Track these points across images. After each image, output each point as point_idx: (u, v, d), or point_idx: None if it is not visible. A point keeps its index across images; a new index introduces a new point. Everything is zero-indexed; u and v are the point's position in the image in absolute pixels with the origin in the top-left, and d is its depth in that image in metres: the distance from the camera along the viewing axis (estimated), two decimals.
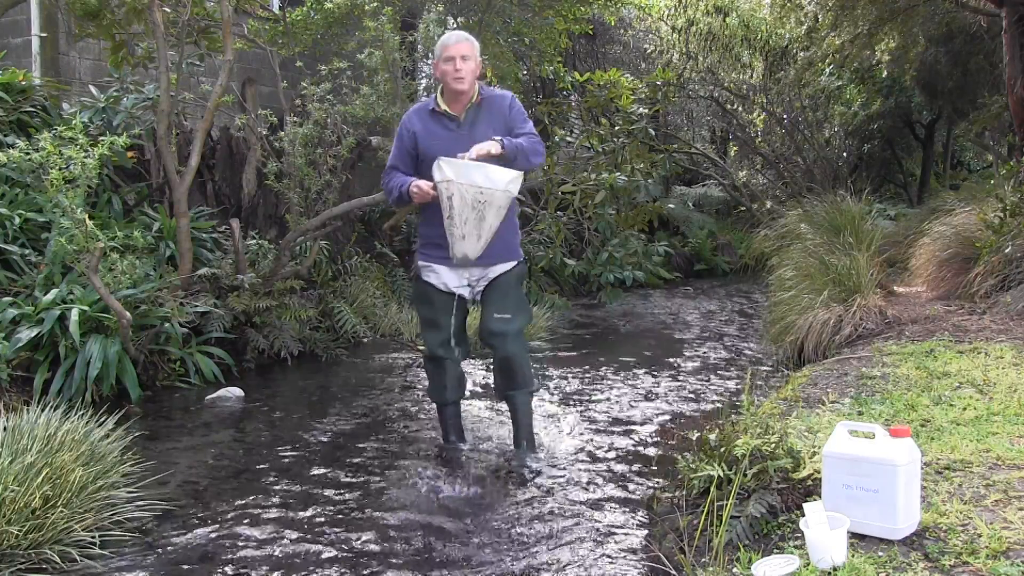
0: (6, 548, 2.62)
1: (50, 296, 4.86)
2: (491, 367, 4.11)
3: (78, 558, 2.70)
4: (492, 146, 3.45)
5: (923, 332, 5.04)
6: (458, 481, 3.56)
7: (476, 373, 5.60)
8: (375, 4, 6.72)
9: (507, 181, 3.39)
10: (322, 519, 3.14)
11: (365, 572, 2.70)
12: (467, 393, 4.04)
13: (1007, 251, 5.69)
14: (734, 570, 2.23)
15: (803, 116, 14.49)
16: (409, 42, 7.52)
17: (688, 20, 13.31)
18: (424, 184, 3.48)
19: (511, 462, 3.74)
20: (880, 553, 2.16)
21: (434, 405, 4.07)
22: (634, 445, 4.06)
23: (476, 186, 3.34)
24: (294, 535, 2.99)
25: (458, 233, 3.42)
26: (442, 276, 3.70)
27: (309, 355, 6.09)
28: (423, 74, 10.82)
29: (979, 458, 2.74)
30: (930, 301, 6.17)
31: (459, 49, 3.49)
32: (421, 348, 6.57)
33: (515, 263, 3.72)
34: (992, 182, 8.27)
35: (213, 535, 2.99)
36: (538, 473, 3.62)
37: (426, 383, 4.08)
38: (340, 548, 2.88)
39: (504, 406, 4.12)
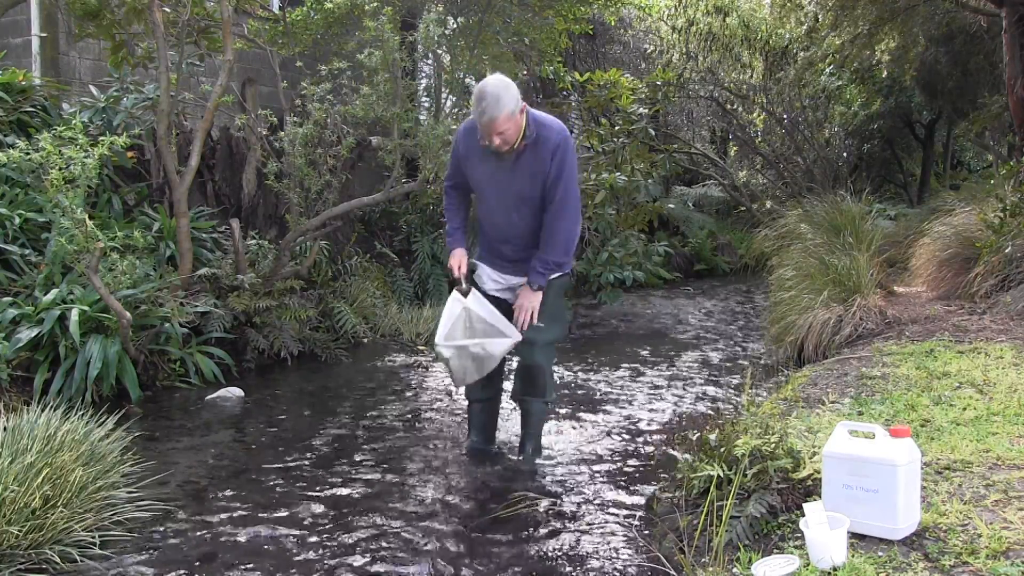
0: (6, 548, 2.62)
1: (50, 296, 4.86)
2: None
3: (78, 558, 2.70)
4: (536, 305, 3.51)
5: (923, 332, 5.04)
6: (459, 481, 3.56)
7: None
8: (375, 4, 6.71)
9: (504, 349, 3.53)
10: (322, 519, 3.14)
11: (365, 572, 2.70)
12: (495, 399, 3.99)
13: (1007, 251, 5.69)
14: (734, 570, 2.23)
15: (803, 116, 14.48)
16: (409, 42, 7.50)
17: (688, 20, 13.30)
18: (455, 267, 3.59)
19: (513, 463, 3.74)
20: (880, 553, 2.16)
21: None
22: (634, 445, 4.06)
23: (473, 355, 3.50)
24: (294, 535, 2.99)
25: (458, 376, 3.57)
26: (482, 276, 3.72)
27: (309, 355, 6.09)
28: (423, 74, 10.81)
29: (979, 458, 2.74)
30: (930, 301, 6.17)
31: (493, 128, 3.25)
32: (421, 348, 6.58)
33: (560, 274, 3.63)
34: (992, 182, 8.28)
35: (213, 535, 2.99)
36: (539, 474, 3.62)
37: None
38: (340, 548, 2.88)
39: (503, 405, 4.11)
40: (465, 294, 3.54)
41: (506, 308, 3.74)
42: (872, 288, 5.85)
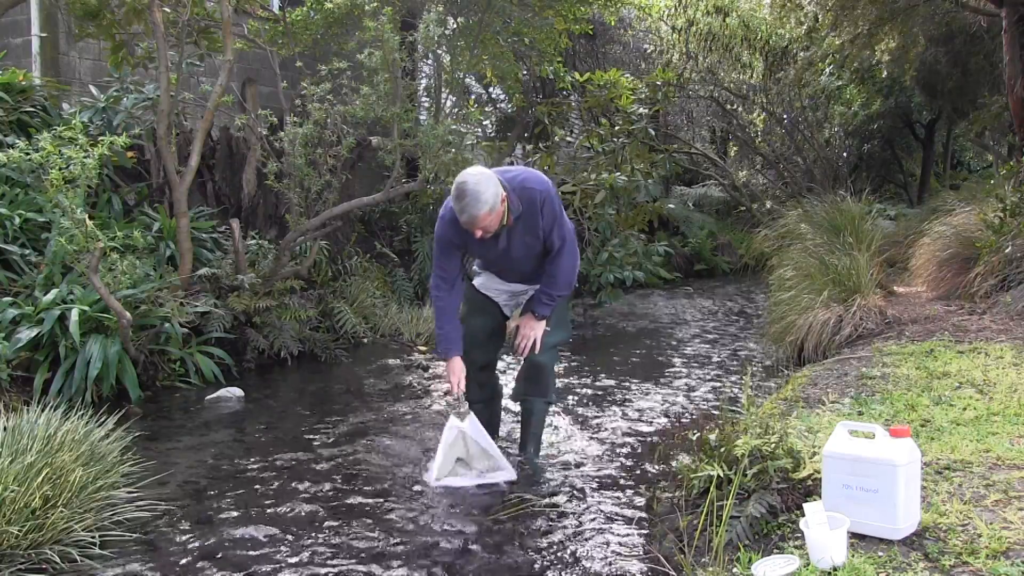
0: (6, 548, 2.62)
1: (50, 296, 4.86)
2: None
3: (78, 558, 2.70)
4: (540, 334, 3.54)
5: (923, 332, 5.04)
6: (459, 482, 3.55)
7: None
8: (375, 4, 6.71)
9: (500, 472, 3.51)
10: (322, 519, 3.14)
11: (364, 572, 2.70)
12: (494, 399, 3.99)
13: (1007, 251, 5.69)
14: (734, 570, 2.23)
15: (803, 116, 14.48)
16: (409, 42, 7.51)
17: (688, 20, 13.30)
18: (454, 383, 3.53)
19: (514, 463, 3.74)
20: (880, 553, 2.16)
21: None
22: (634, 445, 4.06)
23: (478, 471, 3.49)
24: (294, 535, 2.99)
25: (443, 456, 3.50)
26: (485, 281, 3.76)
27: (309, 355, 6.09)
28: (423, 74, 10.81)
29: (979, 458, 2.74)
30: (930, 301, 6.17)
31: (475, 225, 3.25)
32: (421, 348, 6.58)
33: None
34: (992, 182, 8.27)
35: (213, 535, 2.99)
36: (539, 474, 3.62)
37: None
38: (340, 548, 2.88)
39: (500, 405, 4.11)
40: (462, 417, 3.54)
41: (498, 317, 3.79)
42: (872, 288, 5.85)
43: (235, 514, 3.18)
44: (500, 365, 5.77)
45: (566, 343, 4.08)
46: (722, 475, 2.55)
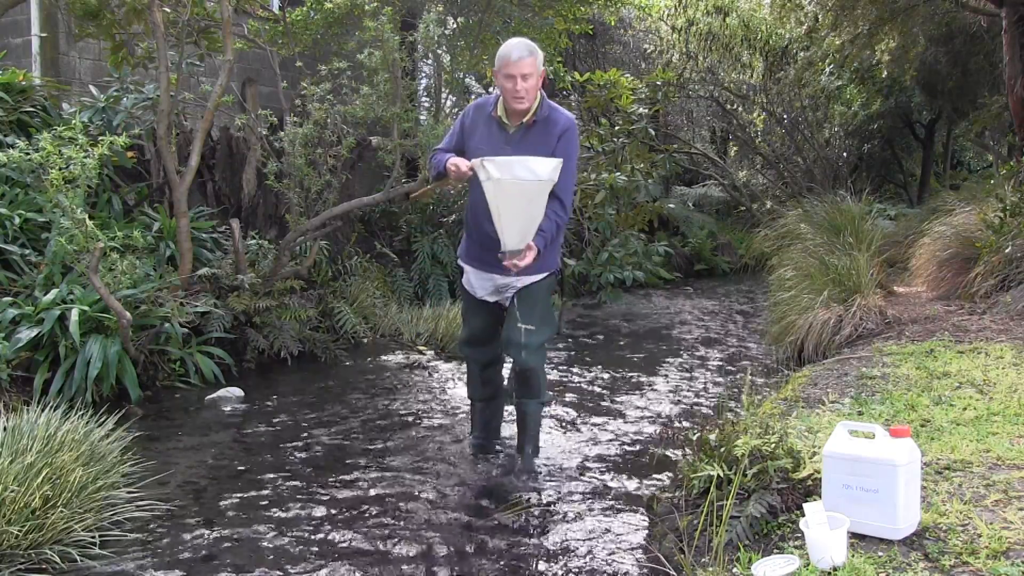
0: (6, 548, 2.62)
1: (50, 296, 4.86)
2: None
3: (78, 558, 2.70)
4: (530, 260, 3.36)
5: (923, 332, 5.04)
6: (459, 482, 3.56)
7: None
8: (375, 4, 6.71)
9: (549, 171, 3.30)
10: (322, 519, 3.14)
11: (364, 571, 2.70)
12: (497, 397, 3.96)
13: (1007, 251, 5.69)
14: (734, 570, 2.23)
15: (803, 116, 14.49)
16: (409, 42, 7.51)
17: (688, 20, 13.31)
18: (462, 163, 3.36)
19: (513, 464, 3.74)
20: (880, 553, 2.16)
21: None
22: (634, 445, 4.06)
23: (519, 179, 3.28)
24: (294, 535, 2.99)
25: (507, 226, 3.34)
26: (471, 279, 3.70)
27: (309, 355, 6.09)
28: (423, 74, 10.82)
29: (979, 458, 2.74)
30: (930, 301, 6.17)
31: (520, 68, 3.24)
32: (421, 348, 6.58)
33: (546, 274, 3.62)
34: (992, 182, 8.27)
35: (213, 535, 2.99)
36: (539, 474, 3.62)
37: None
38: (340, 548, 2.88)
39: (502, 404, 4.12)
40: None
41: (497, 313, 3.75)
42: (872, 288, 5.85)
43: (235, 514, 3.19)
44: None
45: (552, 340, 4.07)
46: (722, 475, 2.55)
